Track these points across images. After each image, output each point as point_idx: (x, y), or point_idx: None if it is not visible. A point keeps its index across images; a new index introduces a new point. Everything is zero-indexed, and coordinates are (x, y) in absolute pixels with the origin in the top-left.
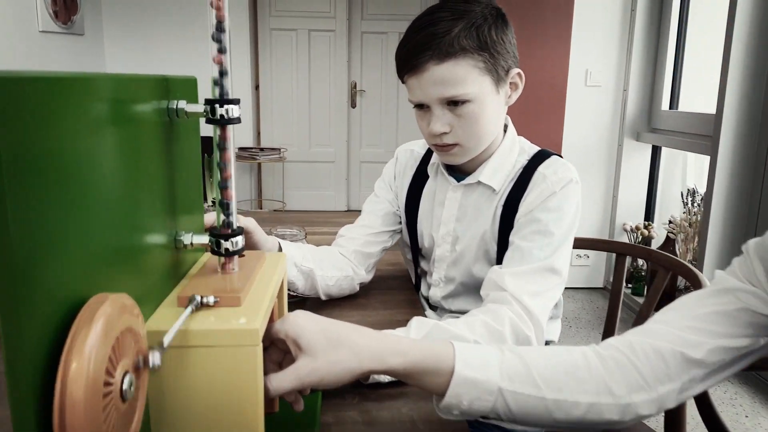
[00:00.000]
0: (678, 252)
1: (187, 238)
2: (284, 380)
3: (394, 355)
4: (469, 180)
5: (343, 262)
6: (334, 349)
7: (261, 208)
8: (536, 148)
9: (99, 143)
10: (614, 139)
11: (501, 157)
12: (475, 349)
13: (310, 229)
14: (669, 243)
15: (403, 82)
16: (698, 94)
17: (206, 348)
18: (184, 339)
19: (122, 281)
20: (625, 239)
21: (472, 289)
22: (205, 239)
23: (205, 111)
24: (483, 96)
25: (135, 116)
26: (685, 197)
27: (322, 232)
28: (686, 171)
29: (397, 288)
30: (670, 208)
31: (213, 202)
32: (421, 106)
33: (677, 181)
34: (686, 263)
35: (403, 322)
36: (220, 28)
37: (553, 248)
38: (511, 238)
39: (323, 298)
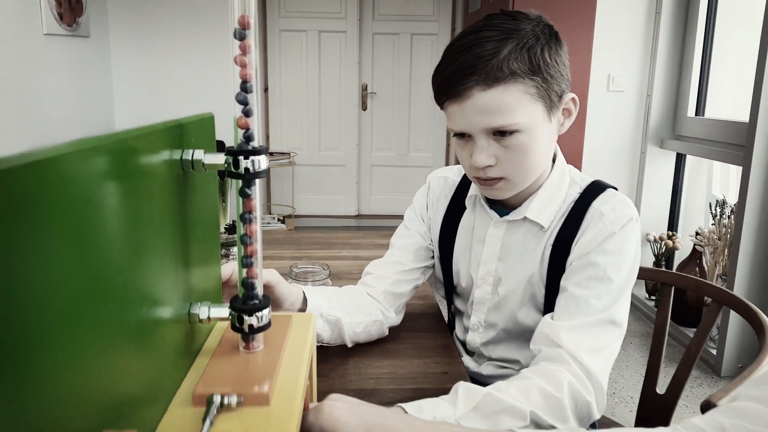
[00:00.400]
0: (706, 266)
1: (203, 311)
2: None
3: None
4: (514, 216)
5: (371, 305)
6: None
7: (270, 213)
8: (588, 179)
9: (99, 215)
10: (637, 146)
11: (550, 191)
12: None
13: (328, 253)
14: (695, 256)
15: (441, 108)
16: (726, 101)
17: None
18: None
19: (124, 377)
20: (648, 250)
21: (516, 335)
22: (224, 312)
23: (226, 162)
24: (534, 125)
25: (143, 176)
26: (713, 208)
27: (341, 257)
28: (712, 180)
29: (428, 329)
30: (694, 218)
31: (225, 229)
32: (462, 135)
33: (702, 191)
34: (748, 303)
35: (440, 375)
36: (245, 88)
37: (612, 297)
38: (563, 283)
39: (350, 345)
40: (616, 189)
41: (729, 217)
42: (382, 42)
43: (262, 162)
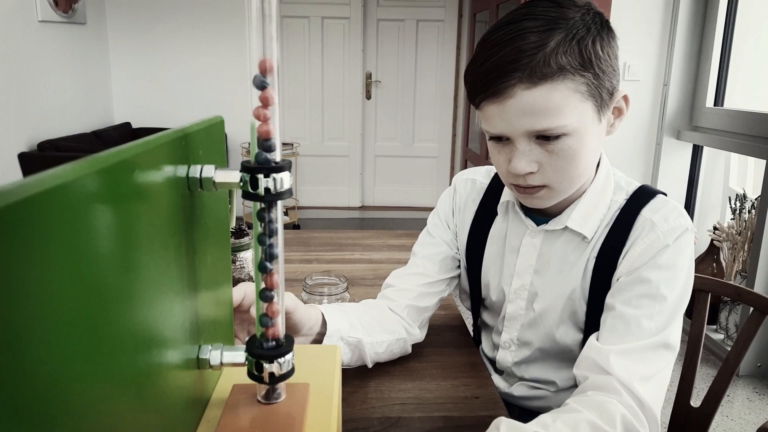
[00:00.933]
0: (723, 262)
1: (215, 356)
2: None
3: None
4: (553, 225)
5: (394, 321)
6: None
7: None
8: (635, 184)
9: (94, 250)
10: (652, 137)
11: (594, 198)
12: None
13: (339, 256)
14: (713, 251)
15: (477, 108)
16: (747, 91)
17: None
18: None
19: None
20: None
21: (553, 355)
22: (239, 357)
23: (241, 181)
24: (582, 127)
25: (143, 201)
26: (733, 202)
27: (353, 260)
28: (729, 173)
29: (454, 344)
30: (709, 213)
31: (233, 232)
32: (499, 138)
33: (718, 185)
34: None
35: (471, 400)
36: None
37: (666, 317)
38: (609, 300)
39: (370, 366)
40: (665, 195)
41: (749, 211)
42: (387, 28)
43: (285, 180)
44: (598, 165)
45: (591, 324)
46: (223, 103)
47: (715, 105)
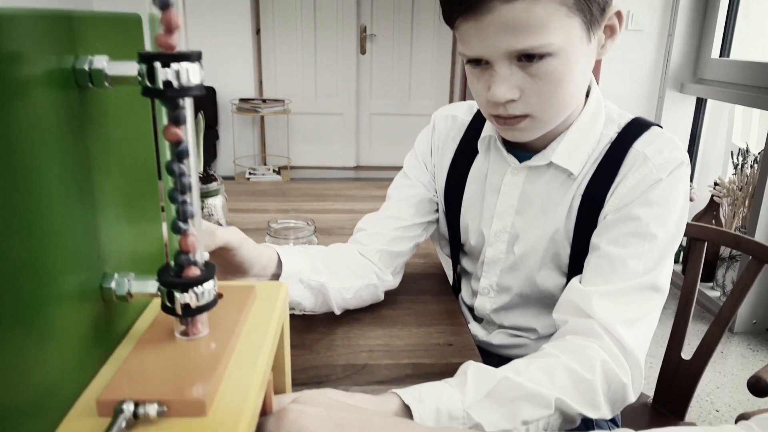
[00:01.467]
0: (723, 217)
1: (121, 286)
2: None
3: None
4: (537, 160)
5: (364, 266)
6: None
7: (265, 164)
8: (628, 116)
9: None
10: (655, 90)
11: (581, 130)
12: None
13: (318, 206)
14: (712, 207)
15: (452, 28)
16: (754, 41)
17: None
18: None
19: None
20: None
21: (533, 300)
22: (150, 286)
23: (139, 74)
24: (569, 47)
25: (8, 95)
26: (735, 157)
27: (333, 210)
28: (732, 128)
29: (430, 292)
30: (711, 168)
31: (201, 177)
32: (477, 62)
33: (721, 140)
34: None
35: (444, 348)
36: None
37: (655, 257)
38: (594, 240)
39: (338, 313)
40: (660, 127)
41: (752, 166)
42: None
43: (192, 73)
44: (588, 94)
45: (574, 267)
46: (214, 66)
47: (720, 56)
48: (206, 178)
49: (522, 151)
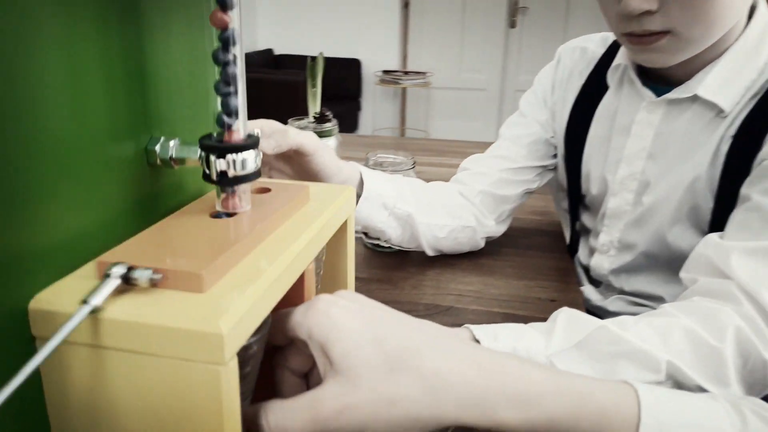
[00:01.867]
0: None
1: (165, 149)
2: (293, 417)
3: (514, 402)
4: (679, 92)
5: (462, 206)
6: (393, 374)
7: (403, 136)
8: None
9: None
10: None
11: (739, 59)
12: (683, 401)
13: (438, 160)
14: None
15: None
16: None
17: (132, 355)
18: (95, 332)
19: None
20: None
21: (663, 263)
22: (193, 152)
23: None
24: None
25: None
26: None
27: (450, 165)
28: None
29: (541, 248)
30: None
31: (315, 117)
32: None
33: None
34: None
35: (545, 302)
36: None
37: None
38: (744, 190)
39: (430, 253)
40: None
41: None
42: None
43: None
44: (751, 14)
45: (717, 224)
46: (361, 38)
47: None
48: (321, 117)
49: (661, 85)
